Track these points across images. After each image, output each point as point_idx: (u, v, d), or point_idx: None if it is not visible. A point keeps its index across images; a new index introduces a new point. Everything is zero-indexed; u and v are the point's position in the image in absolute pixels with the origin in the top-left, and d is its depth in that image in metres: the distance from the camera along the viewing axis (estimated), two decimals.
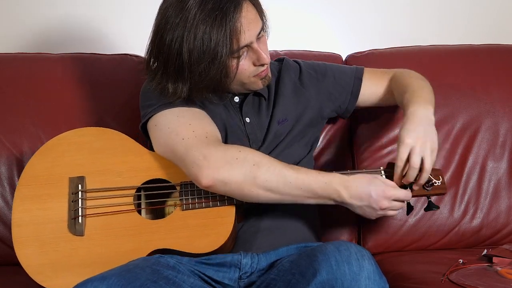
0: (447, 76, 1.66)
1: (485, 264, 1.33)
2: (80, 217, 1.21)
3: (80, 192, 1.22)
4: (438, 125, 1.61)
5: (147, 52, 1.23)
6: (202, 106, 1.28)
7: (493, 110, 1.63)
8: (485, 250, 1.42)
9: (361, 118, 1.65)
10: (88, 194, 1.23)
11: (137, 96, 1.64)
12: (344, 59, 1.75)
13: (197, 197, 1.21)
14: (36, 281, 1.18)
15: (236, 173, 1.13)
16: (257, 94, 1.34)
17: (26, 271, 1.18)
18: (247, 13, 1.16)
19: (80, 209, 1.21)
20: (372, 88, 1.45)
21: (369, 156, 1.63)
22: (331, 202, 1.18)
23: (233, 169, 1.13)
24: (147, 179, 1.24)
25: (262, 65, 1.23)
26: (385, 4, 1.96)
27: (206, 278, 1.19)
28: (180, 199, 1.22)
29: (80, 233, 1.20)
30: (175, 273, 1.11)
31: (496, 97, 1.64)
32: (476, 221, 1.58)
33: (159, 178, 1.25)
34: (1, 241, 1.51)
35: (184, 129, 1.19)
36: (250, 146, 1.29)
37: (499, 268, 1.27)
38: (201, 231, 1.20)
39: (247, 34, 1.16)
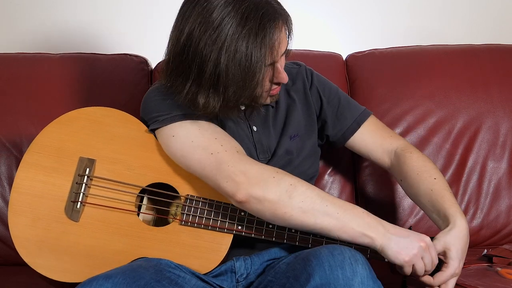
0: (447, 76, 1.66)
1: (485, 264, 1.32)
2: (79, 203, 1.19)
3: (86, 177, 1.20)
4: (439, 125, 1.62)
5: (172, 59, 1.14)
6: (215, 119, 1.24)
7: (494, 110, 1.63)
8: (485, 250, 1.42)
9: None
10: (94, 181, 1.21)
11: (137, 96, 1.65)
12: (344, 58, 1.75)
13: (198, 216, 1.19)
14: (19, 254, 1.16)
15: (272, 192, 1.09)
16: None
17: (13, 240, 1.17)
18: (281, 32, 1.14)
19: (81, 194, 1.19)
20: (366, 141, 1.37)
21: None
22: (365, 239, 1.08)
23: (269, 187, 1.09)
24: (156, 181, 1.22)
25: (278, 84, 1.20)
26: (385, 4, 1.96)
27: (207, 280, 1.18)
28: (181, 213, 1.19)
29: (75, 219, 1.18)
30: (177, 275, 1.11)
31: (497, 97, 1.64)
32: (476, 221, 1.58)
33: (167, 184, 1.22)
34: (1, 241, 1.51)
35: (212, 143, 1.15)
36: (257, 156, 1.27)
37: (499, 268, 1.27)
38: (192, 252, 1.18)
39: (278, 52, 1.14)
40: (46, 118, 1.56)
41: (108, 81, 1.64)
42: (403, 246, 1.07)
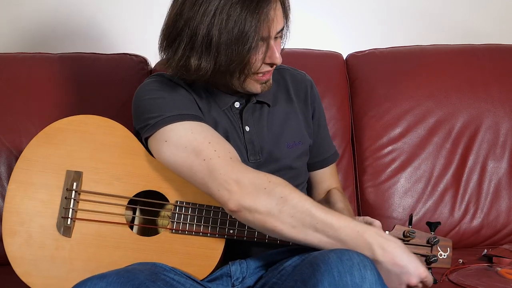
0: (447, 76, 1.66)
1: (485, 264, 1.33)
2: (69, 219, 1.19)
3: (74, 192, 1.20)
4: (439, 125, 1.62)
5: (166, 26, 1.18)
6: (209, 116, 1.23)
7: (494, 110, 1.63)
8: (485, 250, 1.42)
9: (362, 117, 1.65)
10: (82, 196, 1.20)
11: None
12: (344, 58, 1.75)
13: (188, 223, 1.17)
14: (17, 274, 1.16)
15: (262, 204, 1.06)
16: (259, 101, 1.28)
17: (9, 260, 1.17)
18: (276, 9, 1.15)
19: (71, 210, 1.19)
20: (329, 175, 1.42)
21: (370, 155, 1.63)
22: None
23: (259, 199, 1.06)
24: (144, 189, 1.20)
25: (271, 65, 1.19)
26: (385, 3, 1.96)
27: (202, 283, 1.18)
28: (171, 221, 1.18)
29: (67, 235, 1.18)
30: (171, 277, 1.11)
31: (497, 97, 1.64)
32: (477, 221, 1.58)
33: (155, 191, 1.21)
34: (1, 241, 1.51)
35: (205, 148, 1.12)
36: (247, 157, 1.25)
37: (499, 268, 1.27)
38: (186, 259, 1.17)
39: (272, 28, 1.14)
40: (46, 118, 1.57)
41: (108, 80, 1.64)
42: (393, 278, 1.03)
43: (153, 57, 1.70)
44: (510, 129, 1.62)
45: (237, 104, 1.27)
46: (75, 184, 1.20)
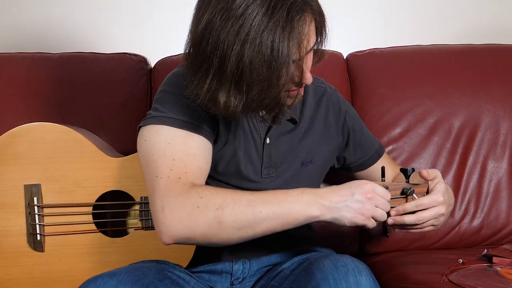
0: (447, 75, 1.66)
1: (485, 264, 1.32)
2: (38, 235, 1.18)
3: (36, 207, 1.17)
4: (439, 125, 1.62)
5: (191, 50, 1.02)
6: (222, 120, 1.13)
7: (494, 110, 1.63)
8: (485, 250, 1.42)
9: (363, 117, 1.65)
10: (46, 210, 1.18)
11: (136, 95, 1.65)
12: (345, 57, 1.75)
13: None
14: None
15: (199, 225, 1.00)
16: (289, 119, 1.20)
17: None
18: (310, 26, 1.03)
19: (38, 226, 1.17)
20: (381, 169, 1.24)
21: None
22: (312, 219, 1.03)
23: (195, 221, 1.00)
24: (106, 190, 1.18)
25: (301, 84, 1.07)
26: (386, 3, 1.96)
27: (202, 281, 1.18)
28: (140, 219, 1.17)
29: (40, 250, 1.17)
30: (177, 275, 1.11)
31: (497, 96, 1.64)
32: (477, 221, 1.58)
33: (119, 190, 1.19)
34: None
35: (163, 164, 1.05)
36: (261, 171, 1.18)
37: (499, 268, 1.27)
38: (163, 253, 1.16)
39: (306, 48, 1.02)
40: (46, 118, 1.57)
41: (108, 80, 1.63)
42: (355, 208, 1.02)
43: (153, 56, 1.71)
44: (510, 128, 1.62)
45: (263, 112, 1.17)
46: (35, 199, 1.18)
